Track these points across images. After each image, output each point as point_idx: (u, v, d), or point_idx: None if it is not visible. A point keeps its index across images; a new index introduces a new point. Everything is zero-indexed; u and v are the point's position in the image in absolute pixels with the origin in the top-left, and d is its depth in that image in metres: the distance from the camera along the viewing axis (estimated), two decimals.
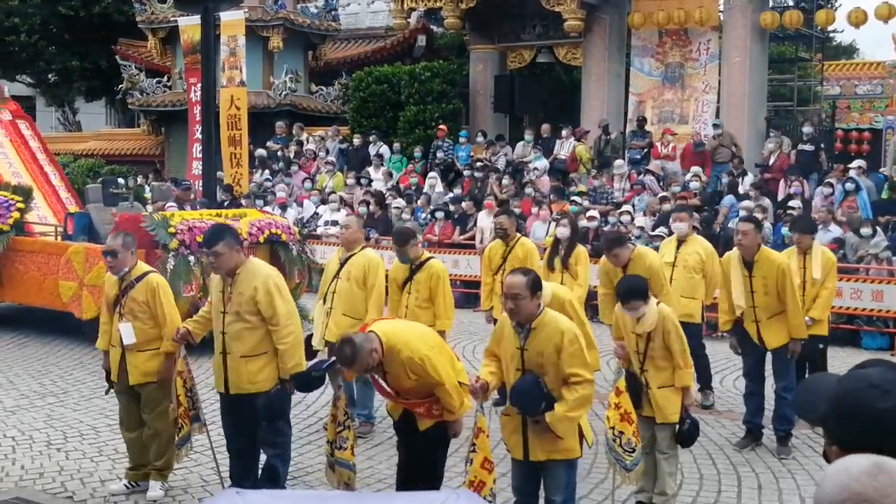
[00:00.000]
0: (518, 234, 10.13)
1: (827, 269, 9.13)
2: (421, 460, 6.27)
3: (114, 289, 7.27)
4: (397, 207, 18.25)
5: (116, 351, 7.21)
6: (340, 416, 6.26)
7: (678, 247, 9.71)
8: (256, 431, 6.84)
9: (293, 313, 6.71)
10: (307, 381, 6.69)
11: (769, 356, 8.69)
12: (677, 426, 6.68)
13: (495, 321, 9.59)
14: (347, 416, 6.31)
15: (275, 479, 6.87)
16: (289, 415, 7.07)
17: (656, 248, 14.49)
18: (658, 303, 6.74)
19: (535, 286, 5.64)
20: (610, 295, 8.73)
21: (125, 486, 7.30)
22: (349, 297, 8.49)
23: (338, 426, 6.27)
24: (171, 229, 11.68)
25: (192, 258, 11.71)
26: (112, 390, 7.50)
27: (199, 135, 17.62)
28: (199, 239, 11.82)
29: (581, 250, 10.16)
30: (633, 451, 6.28)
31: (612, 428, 6.30)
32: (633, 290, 6.55)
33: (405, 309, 8.59)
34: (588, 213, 15.87)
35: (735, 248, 8.62)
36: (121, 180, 16.84)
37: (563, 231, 10.12)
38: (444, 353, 6.13)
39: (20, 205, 13.78)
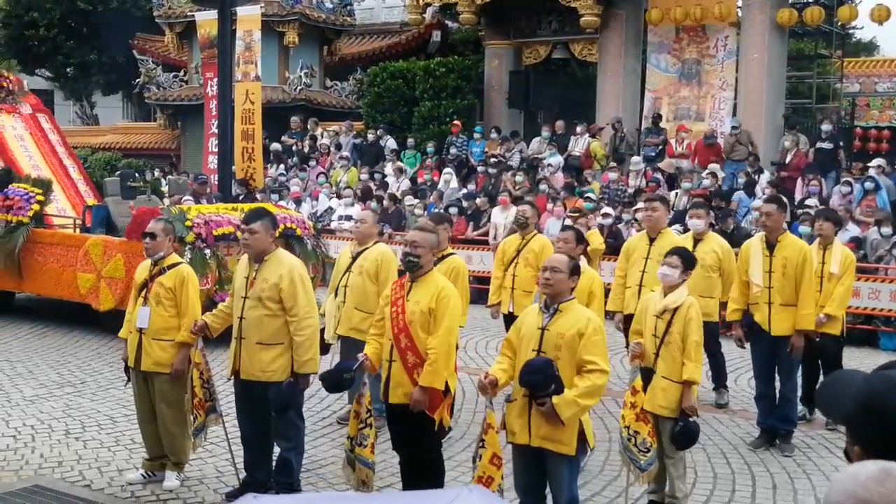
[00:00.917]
0: (535, 230, 10.12)
1: (845, 266, 9.11)
2: (417, 459, 6.33)
3: (144, 273, 7.37)
4: (410, 203, 18.30)
5: (135, 336, 7.27)
6: (363, 413, 6.27)
7: (694, 245, 9.69)
8: (268, 421, 6.89)
9: (313, 307, 6.76)
10: (338, 382, 6.57)
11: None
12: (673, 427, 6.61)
13: (507, 317, 9.66)
14: (370, 414, 6.32)
15: (288, 471, 6.92)
16: (301, 408, 7.12)
17: None
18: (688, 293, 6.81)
19: (575, 270, 5.81)
20: (623, 281, 8.98)
21: (142, 475, 7.36)
22: (361, 291, 8.48)
23: (360, 423, 6.29)
24: (188, 223, 11.75)
25: (208, 251, 11.79)
26: (129, 382, 7.56)
27: (214, 129, 17.67)
28: (216, 233, 11.92)
29: (591, 276, 10.16)
30: (649, 450, 6.28)
31: (628, 427, 6.30)
32: (683, 252, 6.84)
33: None
34: (603, 211, 15.86)
35: (756, 234, 8.63)
36: (138, 175, 16.93)
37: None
38: (455, 335, 6.34)
39: (40, 197, 13.87)
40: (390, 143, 21.93)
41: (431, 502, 3.08)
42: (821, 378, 9.36)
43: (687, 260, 6.83)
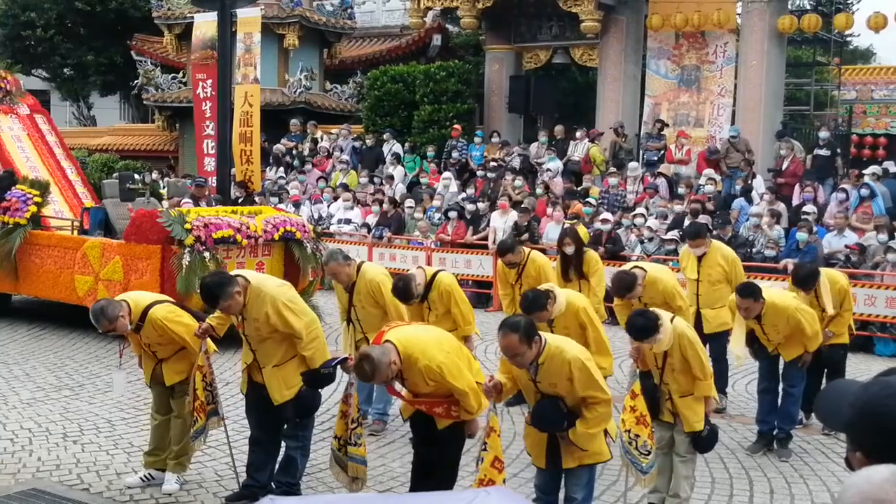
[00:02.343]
0: (527, 251, 10.12)
1: (840, 298, 9.11)
2: (437, 459, 6.31)
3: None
4: (410, 207, 18.32)
5: (151, 358, 7.35)
6: (353, 412, 6.30)
7: (699, 261, 9.70)
8: (281, 424, 6.96)
9: (312, 321, 6.81)
10: (317, 379, 6.81)
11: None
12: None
13: None
14: (360, 413, 6.37)
15: (292, 471, 6.95)
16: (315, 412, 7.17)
17: (668, 253, 14.63)
18: (672, 318, 6.67)
19: (529, 335, 5.61)
20: (624, 305, 8.88)
21: (141, 478, 7.35)
22: (372, 320, 8.45)
23: (351, 423, 6.31)
24: (187, 225, 11.73)
25: (207, 254, 11.76)
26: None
27: (208, 131, 17.66)
28: (215, 236, 11.89)
29: (591, 256, 10.33)
30: (649, 453, 6.30)
31: (629, 431, 6.31)
32: (645, 329, 6.42)
33: (426, 322, 8.57)
34: (601, 216, 15.87)
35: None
36: (138, 176, 16.90)
37: (569, 249, 10.25)
38: (461, 356, 6.16)
39: (37, 199, 13.80)
40: (396, 147, 21.92)
41: (451, 503, 3.08)
42: (823, 383, 9.44)
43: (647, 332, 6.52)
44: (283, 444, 7.07)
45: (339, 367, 6.72)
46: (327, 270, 8.84)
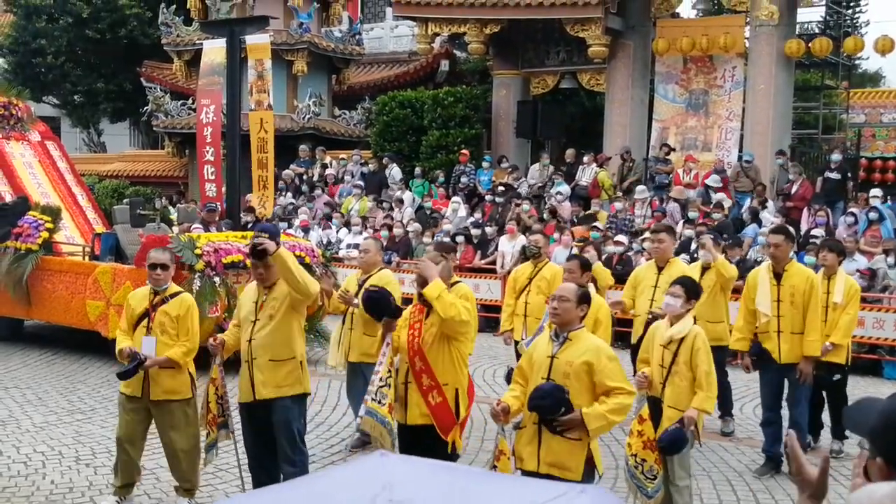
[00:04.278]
0: (546, 258, 10.21)
1: (850, 296, 9.12)
2: None
3: (143, 303, 7.36)
4: (415, 231, 18.37)
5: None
6: (384, 372, 6.36)
7: (702, 273, 9.73)
8: (277, 442, 6.91)
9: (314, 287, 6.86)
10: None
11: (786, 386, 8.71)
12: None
13: (516, 343, 9.71)
14: (390, 374, 6.38)
15: None
16: (304, 434, 7.14)
17: None
18: (695, 321, 6.81)
19: (584, 299, 5.86)
20: (640, 319, 9.09)
21: (116, 502, 7.33)
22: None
23: (380, 381, 6.37)
24: (198, 251, 11.80)
25: (217, 279, 11.82)
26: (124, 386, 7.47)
27: (209, 156, 17.74)
28: (225, 261, 11.96)
29: (597, 269, 10.32)
30: (655, 478, 6.30)
31: (635, 455, 6.33)
32: (686, 282, 6.84)
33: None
34: (615, 238, 15.92)
35: (764, 262, 8.68)
36: (148, 202, 16.96)
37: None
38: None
39: (49, 225, 13.91)
40: (395, 170, 21.99)
41: (536, 493, 3.08)
42: (825, 406, 9.43)
43: (690, 289, 6.83)
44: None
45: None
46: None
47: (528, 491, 3.12)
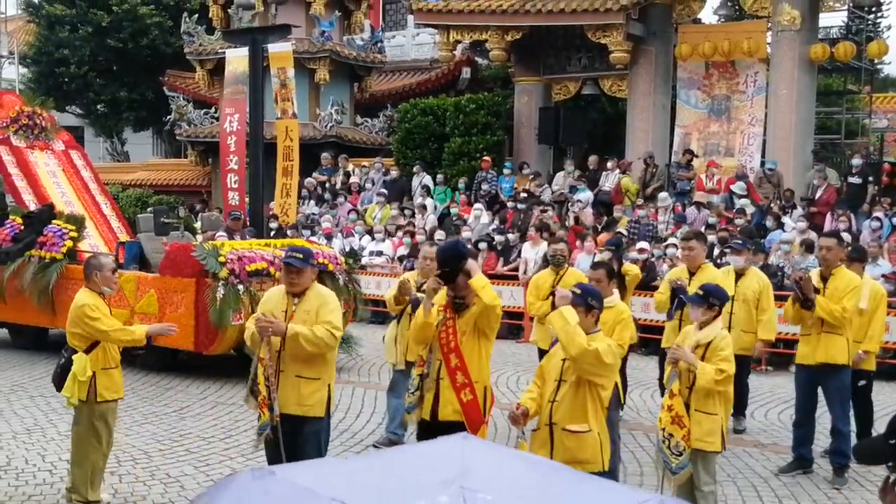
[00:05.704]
0: (568, 265, 10.21)
1: (876, 302, 9.08)
2: None
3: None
4: (440, 239, 18.35)
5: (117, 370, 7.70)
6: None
7: (737, 279, 9.71)
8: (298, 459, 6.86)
9: (339, 334, 6.65)
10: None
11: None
12: None
13: (541, 354, 9.69)
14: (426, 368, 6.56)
15: None
16: (328, 443, 7.15)
17: None
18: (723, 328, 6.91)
19: (590, 308, 6.04)
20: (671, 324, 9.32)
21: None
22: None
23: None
24: (222, 258, 11.84)
25: (241, 287, 11.86)
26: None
27: (231, 165, 17.77)
28: (249, 269, 12.00)
29: (626, 268, 10.33)
30: (681, 454, 6.37)
31: (663, 429, 6.47)
32: (708, 288, 6.83)
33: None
34: (638, 246, 15.87)
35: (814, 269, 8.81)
36: (173, 210, 17.05)
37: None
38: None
39: (73, 234, 13.98)
40: (426, 179, 22.03)
41: (617, 497, 3.07)
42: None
43: (704, 297, 6.78)
44: None
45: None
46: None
47: (608, 498, 3.06)
